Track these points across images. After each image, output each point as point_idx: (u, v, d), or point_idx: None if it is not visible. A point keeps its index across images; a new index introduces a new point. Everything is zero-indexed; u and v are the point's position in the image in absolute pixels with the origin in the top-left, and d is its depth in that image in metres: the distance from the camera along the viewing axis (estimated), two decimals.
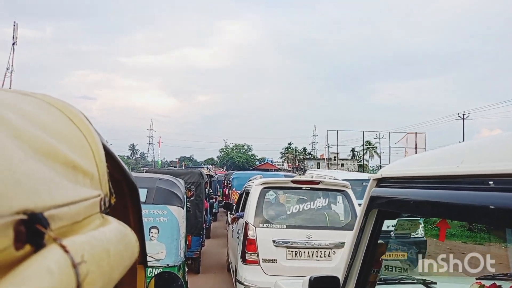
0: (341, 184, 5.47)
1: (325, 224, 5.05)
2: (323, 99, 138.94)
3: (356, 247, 1.49)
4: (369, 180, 1.47)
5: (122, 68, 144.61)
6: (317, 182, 5.24)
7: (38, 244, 0.29)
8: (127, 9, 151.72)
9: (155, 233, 3.93)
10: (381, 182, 1.38)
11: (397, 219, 1.57)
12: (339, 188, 5.33)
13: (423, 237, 6.03)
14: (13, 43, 40.94)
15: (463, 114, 36.12)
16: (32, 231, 0.28)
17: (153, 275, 2.18)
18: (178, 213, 4.13)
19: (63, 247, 0.30)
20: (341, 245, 4.86)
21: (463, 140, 35.94)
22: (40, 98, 0.58)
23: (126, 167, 0.88)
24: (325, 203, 5.18)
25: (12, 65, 39.88)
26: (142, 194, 4.02)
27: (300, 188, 5.25)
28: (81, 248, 0.33)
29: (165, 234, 3.96)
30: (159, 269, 3.84)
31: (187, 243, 6.61)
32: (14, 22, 41.30)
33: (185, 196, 4.63)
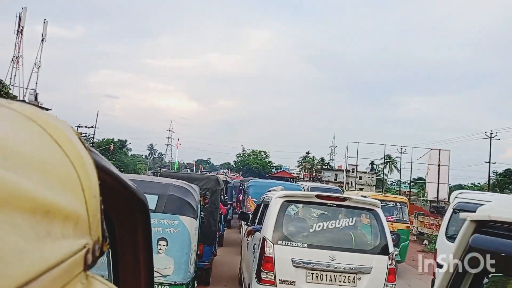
0: (370, 202, 4.98)
1: (350, 246, 4.58)
2: (344, 110, 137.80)
3: None
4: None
5: (147, 70, 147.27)
6: (344, 199, 4.78)
7: None
8: (156, 12, 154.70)
9: (164, 245, 3.53)
10: (484, 226, 0.94)
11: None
12: (368, 206, 4.85)
13: None
14: (42, 40, 42.17)
15: (491, 133, 34.78)
16: None
17: None
18: (191, 225, 3.73)
19: None
20: (367, 270, 4.38)
21: (489, 161, 34.44)
22: (15, 109, 0.44)
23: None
24: (351, 222, 4.70)
25: (40, 61, 41.11)
26: (152, 201, 3.61)
27: (325, 204, 4.79)
28: None
29: (175, 248, 3.56)
30: (166, 287, 3.45)
31: (199, 253, 6.22)
32: (45, 19, 42.56)
33: (199, 205, 4.24)
